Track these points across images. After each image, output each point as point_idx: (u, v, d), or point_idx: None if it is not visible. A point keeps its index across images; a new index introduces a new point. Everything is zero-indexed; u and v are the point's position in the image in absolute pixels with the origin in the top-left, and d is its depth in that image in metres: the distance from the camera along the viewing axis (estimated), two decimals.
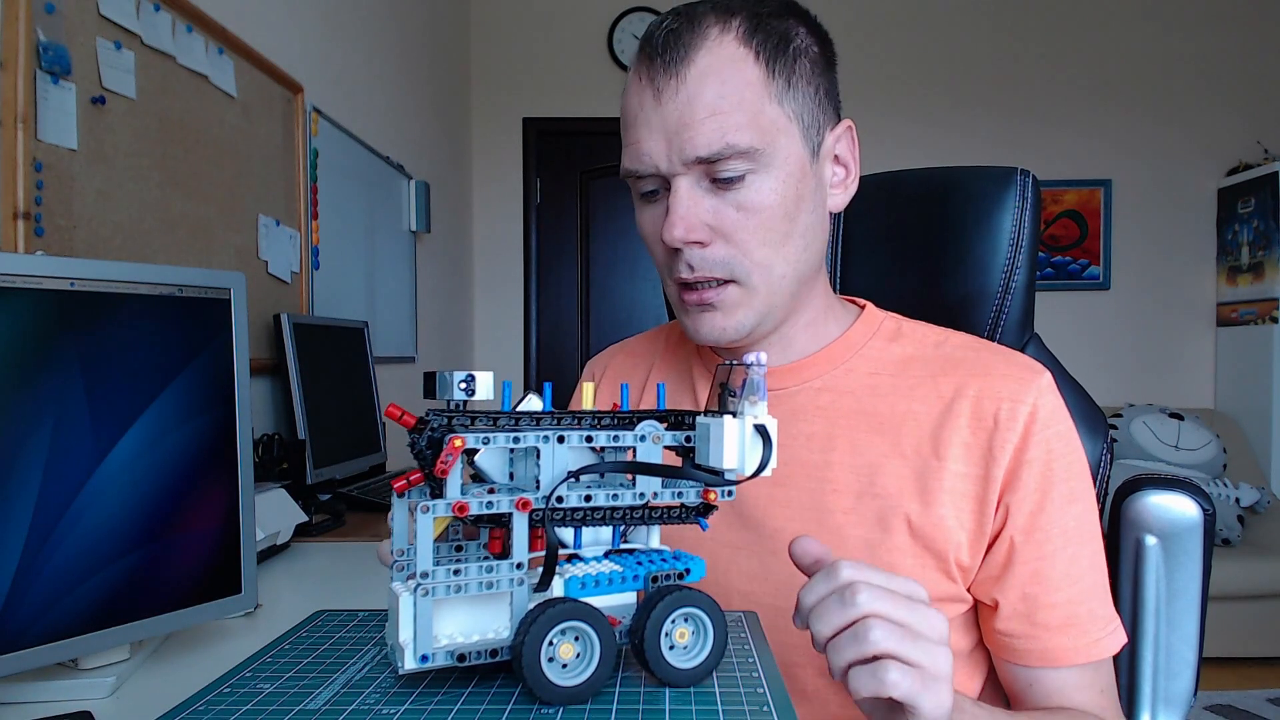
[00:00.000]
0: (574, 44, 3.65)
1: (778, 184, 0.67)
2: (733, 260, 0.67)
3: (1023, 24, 3.65)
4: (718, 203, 0.66)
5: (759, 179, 0.66)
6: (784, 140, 0.67)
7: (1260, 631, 2.88)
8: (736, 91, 0.65)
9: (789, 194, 0.68)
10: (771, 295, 0.69)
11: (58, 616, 0.65)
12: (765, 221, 0.67)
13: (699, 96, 0.65)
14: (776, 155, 0.67)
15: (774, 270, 0.68)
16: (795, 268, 0.70)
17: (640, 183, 0.69)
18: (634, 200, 0.73)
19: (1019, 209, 0.87)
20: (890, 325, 0.77)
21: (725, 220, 0.66)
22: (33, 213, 1.10)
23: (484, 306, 3.72)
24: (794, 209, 0.68)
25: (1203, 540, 0.83)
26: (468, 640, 0.43)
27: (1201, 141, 3.64)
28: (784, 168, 0.67)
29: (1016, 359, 0.73)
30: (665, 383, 0.82)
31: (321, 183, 2.06)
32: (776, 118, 0.67)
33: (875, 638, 0.49)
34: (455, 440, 0.42)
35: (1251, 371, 3.44)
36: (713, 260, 0.67)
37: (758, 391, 0.47)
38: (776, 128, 0.67)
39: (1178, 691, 0.84)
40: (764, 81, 0.66)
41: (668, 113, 0.65)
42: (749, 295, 0.68)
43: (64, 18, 1.17)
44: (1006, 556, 0.67)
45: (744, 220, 0.66)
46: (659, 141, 0.66)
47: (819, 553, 0.55)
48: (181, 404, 0.73)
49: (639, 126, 0.67)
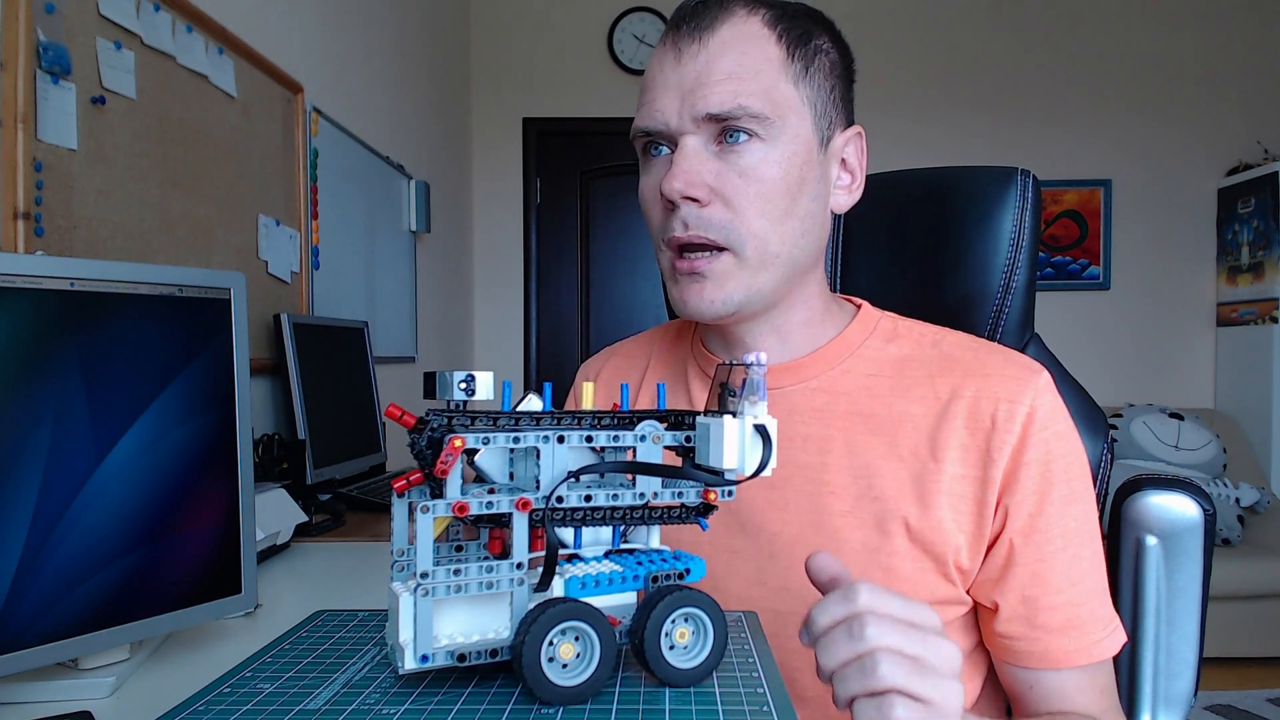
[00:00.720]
0: (574, 44, 3.65)
1: (782, 158, 0.67)
2: (729, 225, 0.67)
3: (1023, 24, 3.65)
4: (721, 166, 0.67)
5: (765, 148, 0.67)
6: (794, 119, 0.68)
7: (1260, 631, 2.88)
8: (755, 63, 0.66)
9: (793, 171, 0.68)
10: (763, 271, 0.68)
11: (58, 616, 0.65)
12: (765, 191, 0.67)
13: (718, 59, 0.66)
14: (785, 130, 0.67)
15: (769, 245, 0.68)
16: (790, 250, 0.69)
17: (646, 141, 0.70)
18: (640, 168, 0.74)
19: (1019, 209, 0.87)
20: (887, 325, 0.77)
21: (726, 183, 0.67)
22: (33, 213, 1.10)
23: (484, 306, 3.72)
24: (796, 188, 0.68)
25: (1203, 540, 0.82)
26: (468, 640, 0.43)
27: (1201, 141, 3.64)
28: (791, 144, 0.68)
29: (1014, 358, 0.72)
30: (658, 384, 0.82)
31: (321, 183, 2.06)
32: (790, 96, 0.68)
33: (883, 673, 0.47)
34: (455, 440, 0.42)
35: (1251, 371, 3.44)
36: (709, 220, 0.67)
37: (758, 391, 0.47)
38: (789, 105, 0.68)
39: (1178, 691, 0.84)
40: (783, 61, 0.68)
41: (685, 72, 0.67)
42: (740, 267, 0.68)
43: (64, 18, 1.17)
44: (1006, 559, 0.67)
45: (744, 186, 0.66)
46: (673, 99, 0.67)
47: (835, 571, 0.54)
48: (181, 404, 0.73)
49: (655, 87, 0.69)
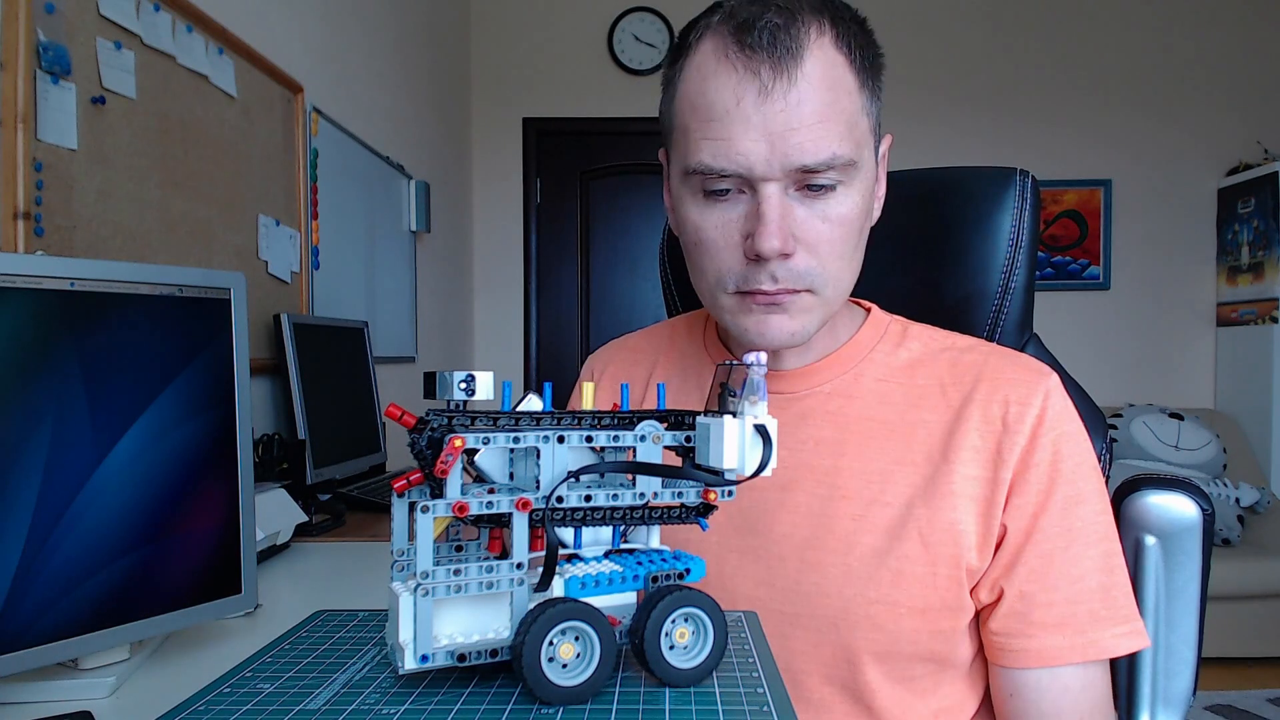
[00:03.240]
0: (574, 44, 3.65)
1: (859, 197, 0.66)
2: (812, 271, 0.65)
3: (1022, 24, 3.65)
4: (806, 213, 0.64)
5: (848, 192, 0.65)
6: (866, 153, 0.66)
7: (1260, 631, 2.88)
8: (840, 100, 0.62)
9: (864, 207, 0.67)
10: (834, 305, 0.69)
11: (58, 616, 0.65)
12: (845, 234, 0.65)
13: (809, 100, 0.61)
14: (863, 168, 0.65)
15: (842, 283, 0.68)
16: (852, 279, 0.69)
17: (714, 180, 0.64)
18: (685, 195, 0.67)
19: (1018, 209, 0.87)
20: (896, 328, 0.77)
21: (811, 231, 0.64)
22: (33, 213, 1.10)
23: (484, 306, 3.72)
24: (864, 222, 0.68)
25: (1202, 540, 0.82)
26: (468, 640, 0.43)
27: (1201, 141, 3.64)
28: (865, 180, 0.66)
29: (1024, 361, 0.72)
30: (669, 382, 0.81)
31: (321, 183, 2.06)
32: (865, 129, 0.66)
33: None
34: (455, 440, 0.42)
35: (1251, 371, 3.44)
36: (797, 272, 0.65)
37: (758, 391, 0.47)
38: (865, 139, 0.66)
39: (1177, 691, 0.84)
40: (859, 89, 0.64)
41: (773, 113, 0.61)
42: (820, 305, 0.67)
43: (64, 18, 1.17)
44: (1011, 558, 0.67)
45: (828, 232, 0.64)
46: (758, 143, 0.61)
47: None
48: (181, 404, 0.73)
49: (734, 123, 0.62)
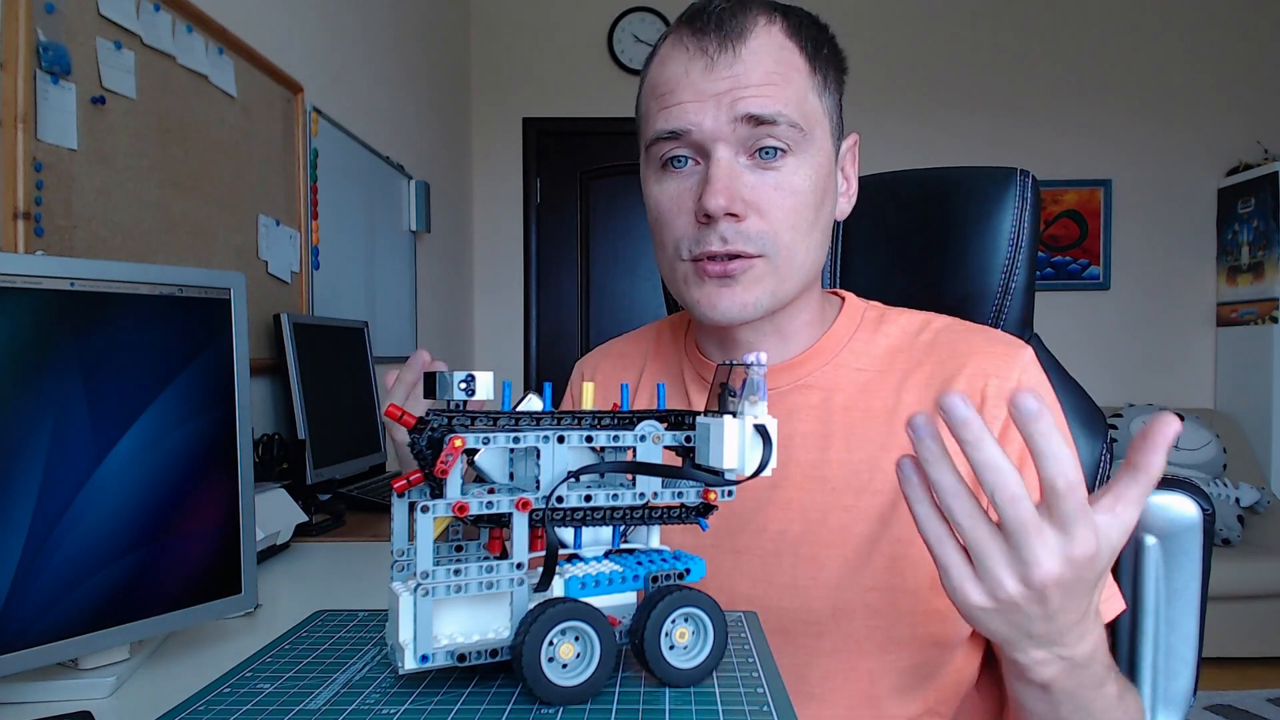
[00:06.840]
0: (574, 44, 3.65)
1: (811, 171, 0.68)
2: (764, 236, 0.67)
3: (1022, 24, 3.65)
4: (757, 180, 0.67)
5: (797, 162, 0.67)
6: (819, 132, 0.69)
7: (1260, 631, 2.88)
8: (787, 73, 0.66)
9: (819, 184, 0.69)
10: (789, 280, 0.69)
11: (58, 616, 0.65)
12: (796, 205, 0.67)
13: (755, 67, 0.65)
14: (814, 143, 0.68)
15: (796, 256, 0.69)
16: (811, 260, 0.70)
17: (669, 146, 0.68)
18: (649, 174, 0.71)
19: (1018, 209, 0.87)
20: (872, 315, 0.77)
21: (761, 196, 0.67)
22: (33, 213, 1.10)
23: (484, 306, 3.72)
24: (820, 201, 0.69)
25: (1202, 540, 0.82)
26: (468, 640, 0.43)
27: (1201, 141, 3.64)
28: (817, 157, 0.68)
29: (998, 336, 0.74)
30: (659, 384, 0.82)
31: (321, 183, 2.06)
32: (816, 108, 0.68)
33: None
34: (455, 440, 0.42)
35: (1251, 371, 3.44)
36: (746, 234, 0.67)
37: (758, 391, 0.47)
38: (815, 117, 0.68)
39: (1177, 691, 0.84)
40: (809, 72, 0.68)
41: (719, 78, 0.65)
42: (772, 273, 0.68)
43: (64, 18, 1.17)
44: None
45: (779, 199, 0.67)
46: (705, 102, 0.65)
47: None
48: (181, 404, 0.73)
49: (682, 90, 0.66)
